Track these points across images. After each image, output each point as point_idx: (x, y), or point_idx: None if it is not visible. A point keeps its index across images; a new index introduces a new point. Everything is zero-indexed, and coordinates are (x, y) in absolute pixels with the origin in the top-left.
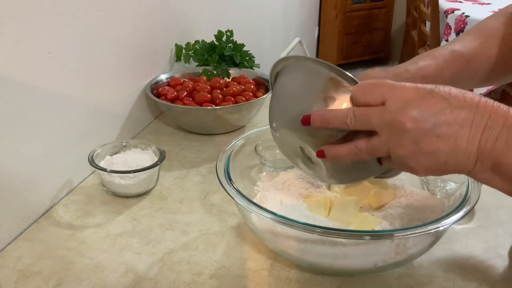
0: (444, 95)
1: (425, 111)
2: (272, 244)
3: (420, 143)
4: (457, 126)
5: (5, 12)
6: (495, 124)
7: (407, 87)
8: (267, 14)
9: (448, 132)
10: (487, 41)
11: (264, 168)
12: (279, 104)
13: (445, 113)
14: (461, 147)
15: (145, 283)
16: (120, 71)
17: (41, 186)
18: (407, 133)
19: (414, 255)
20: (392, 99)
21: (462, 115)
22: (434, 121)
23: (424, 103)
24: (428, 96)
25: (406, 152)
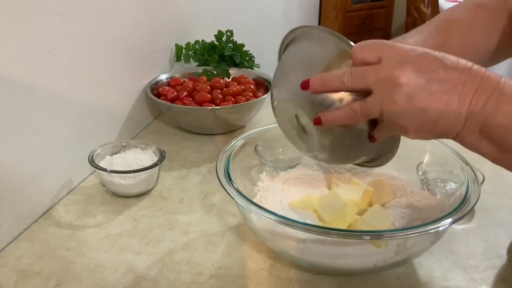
0: (439, 56)
1: (420, 68)
2: (272, 244)
3: (412, 99)
4: (450, 85)
5: (6, 12)
6: (486, 86)
7: (403, 46)
8: (267, 14)
9: (441, 89)
10: (452, 36)
11: (264, 168)
12: (281, 72)
13: (439, 71)
14: (452, 106)
15: (145, 283)
16: (120, 71)
17: (41, 186)
18: (400, 88)
19: (414, 255)
20: (388, 56)
21: (455, 75)
22: (428, 78)
23: (419, 60)
24: (423, 55)
25: (398, 107)
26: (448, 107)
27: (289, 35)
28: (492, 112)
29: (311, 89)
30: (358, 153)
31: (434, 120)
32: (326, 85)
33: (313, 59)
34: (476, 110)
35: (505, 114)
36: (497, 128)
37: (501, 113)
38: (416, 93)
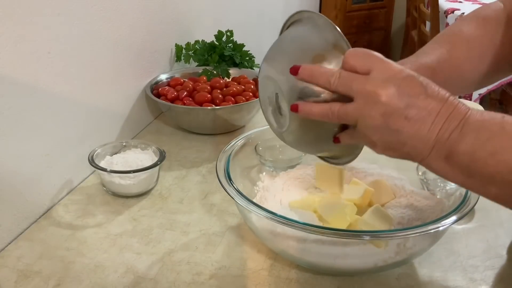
0: (423, 83)
1: (403, 91)
2: (272, 244)
3: (388, 118)
4: (426, 112)
5: (5, 12)
6: (455, 117)
7: (393, 65)
8: (267, 14)
9: (416, 116)
10: (455, 48)
11: (264, 168)
12: (276, 49)
13: (420, 98)
14: (423, 132)
15: (145, 283)
16: (120, 71)
17: (41, 186)
18: (380, 106)
19: (414, 255)
20: (377, 70)
21: (433, 104)
22: (407, 102)
23: (404, 83)
24: (409, 79)
25: (373, 123)
26: (419, 132)
27: (295, 16)
28: (457, 141)
29: (298, 76)
30: (321, 148)
31: (403, 142)
32: (314, 78)
33: (309, 46)
34: (443, 138)
35: (468, 143)
36: (462, 156)
37: (464, 142)
38: (393, 114)
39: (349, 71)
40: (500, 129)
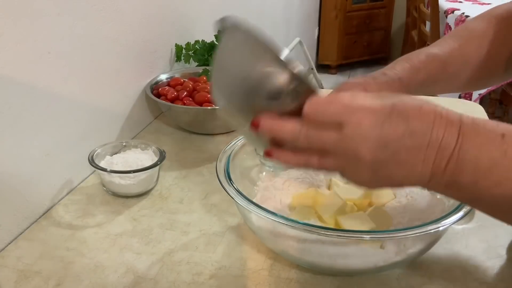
0: (403, 114)
1: (385, 140)
2: (272, 244)
3: (377, 171)
4: (415, 150)
5: (5, 12)
6: (447, 146)
7: (365, 111)
8: (267, 14)
9: (405, 158)
10: (467, 44)
11: (264, 168)
12: (224, 77)
13: (404, 139)
14: (416, 171)
15: (145, 283)
16: (120, 71)
17: (41, 186)
18: (365, 164)
19: (414, 255)
20: (349, 125)
21: (419, 138)
22: (393, 149)
23: (384, 130)
24: (388, 121)
25: (361, 177)
26: (413, 171)
27: (223, 23)
28: (455, 172)
29: (261, 132)
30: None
31: (398, 183)
32: (278, 134)
33: (250, 80)
34: (439, 170)
35: (469, 174)
36: (465, 186)
37: (464, 173)
38: (381, 166)
39: (314, 126)
40: (502, 155)
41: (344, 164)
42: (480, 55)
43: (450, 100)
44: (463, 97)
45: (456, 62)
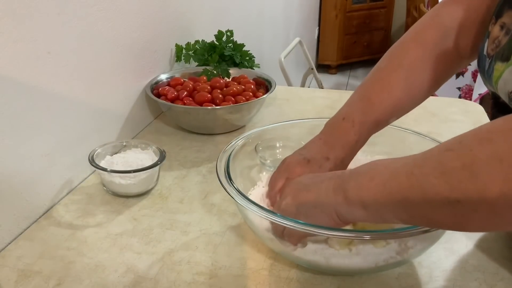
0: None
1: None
2: (272, 244)
3: (296, 197)
4: (319, 182)
5: (5, 12)
6: (342, 174)
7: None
8: (267, 14)
9: (313, 186)
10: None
11: (264, 168)
12: None
13: (313, 180)
14: (322, 189)
15: (145, 282)
16: (120, 71)
17: (41, 186)
18: (288, 195)
19: (414, 254)
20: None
21: (323, 177)
22: (304, 183)
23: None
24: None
25: (287, 204)
26: (320, 191)
27: None
28: (347, 181)
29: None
30: None
31: (313, 206)
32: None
33: None
34: (337, 183)
35: (354, 179)
36: (352, 191)
37: (352, 179)
38: (298, 192)
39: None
40: (374, 163)
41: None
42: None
43: (450, 100)
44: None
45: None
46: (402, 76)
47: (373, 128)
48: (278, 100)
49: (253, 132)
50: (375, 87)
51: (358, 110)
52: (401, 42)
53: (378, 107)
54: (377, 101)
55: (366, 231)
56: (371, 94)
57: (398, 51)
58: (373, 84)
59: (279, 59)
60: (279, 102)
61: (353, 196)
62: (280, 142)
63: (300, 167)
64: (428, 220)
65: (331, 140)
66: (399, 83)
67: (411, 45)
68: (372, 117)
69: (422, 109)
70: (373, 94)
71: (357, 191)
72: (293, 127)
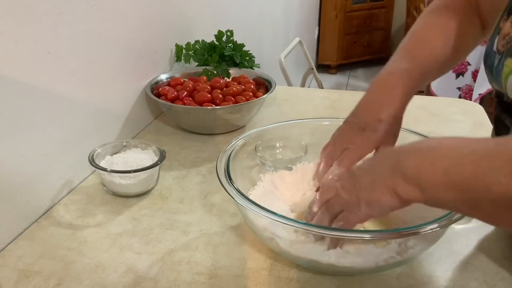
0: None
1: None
2: (272, 244)
3: (356, 185)
4: (373, 165)
5: (5, 12)
6: (398, 151)
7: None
8: (267, 14)
9: (368, 171)
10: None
11: (264, 168)
12: None
13: (368, 164)
14: (377, 172)
15: (145, 282)
16: (120, 71)
17: (41, 186)
18: (346, 184)
19: (414, 254)
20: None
21: (378, 159)
22: (362, 168)
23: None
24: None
25: (349, 192)
26: (374, 168)
27: None
28: (402, 157)
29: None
30: None
31: (371, 181)
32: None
33: None
34: (393, 165)
35: (412, 158)
36: (410, 170)
37: (409, 158)
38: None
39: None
40: (436, 142)
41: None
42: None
43: (450, 100)
44: (463, 97)
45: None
46: (441, 33)
47: (420, 79)
48: (278, 100)
49: (253, 132)
50: (416, 44)
51: (404, 63)
52: (432, 9)
53: (421, 58)
54: (420, 55)
55: (366, 231)
56: (413, 50)
57: (430, 14)
58: (413, 42)
59: (279, 59)
60: (279, 102)
61: (410, 176)
62: (280, 142)
63: (357, 136)
64: (488, 216)
65: (379, 98)
66: (438, 39)
67: (442, 10)
68: (418, 68)
69: (422, 109)
70: (415, 50)
71: (415, 172)
72: (293, 127)
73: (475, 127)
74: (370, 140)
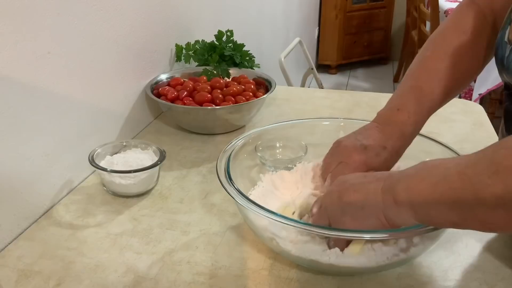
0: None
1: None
2: (272, 244)
3: (342, 197)
4: (366, 183)
5: (5, 12)
6: (390, 176)
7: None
8: (267, 14)
9: (361, 186)
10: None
11: (264, 168)
12: None
13: (360, 180)
14: (370, 190)
15: (145, 282)
16: (120, 71)
17: (41, 186)
18: (333, 193)
19: (417, 252)
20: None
21: (371, 178)
22: (351, 183)
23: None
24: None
25: (333, 203)
26: (368, 193)
27: None
28: (396, 184)
29: None
30: None
31: (360, 207)
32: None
33: None
34: (386, 185)
35: (403, 182)
36: (402, 193)
37: (401, 182)
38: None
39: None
40: (423, 164)
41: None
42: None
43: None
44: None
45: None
46: (449, 64)
47: (427, 116)
48: (278, 100)
49: (253, 132)
50: (425, 77)
51: (412, 101)
52: (442, 32)
53: (430, 96)
54: (428, 91)
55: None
56: (422, 84)
57: (440, 40)
58: (421, 74)
59: (279, 59)
60: (279, 102)
61: (402, 198)
62: (280, 142)
63: (357, 153)
64: (481, 222)
65: (388, 130)
66: (447, 72)
67: (453, 34)
68: (425, 106)
69: None
70: (424, 84)
71: (407, 193)
72: (293, 127)
73: (475, 127)
74: (368, 161)
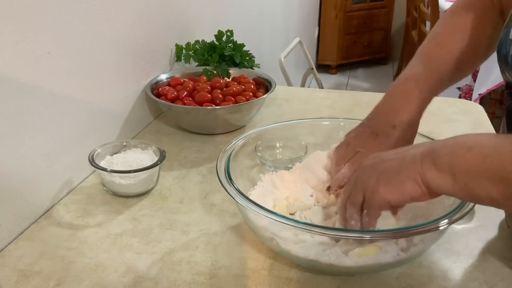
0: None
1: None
2: (272, 244)
3: (377, 167)
4: (403, 151)
5: (5, 12)
6: (431, 142)
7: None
8: (267, 14)
9: (396, 155)
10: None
11: (264, 168)
12: None
13: (395, 150)
14: (408, 155)
15: (145, 282)
16: (120, 71)
17: (41, 186)
18: (367, 166)
19: (418, 251)
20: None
21: (407, 148)
22: (386, 154)
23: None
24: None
25: (367, 173)
26: (404, 158)
27: None
28: (439, 148)
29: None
30: None
31: (397, 172)
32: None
33: None
34: (426, 150)
35: (448, 146)
36: (444, 157)
37: (445, 146)
38: (378, 164)
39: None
40: (473, 135)
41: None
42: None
43: (450, 100)
44: (463, 97)
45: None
46: (458, 37)
47: (437, 85)
48: (278, 100)
49: (253, 132)
50: (433, 47)
51: (420, 68)
52: (452, 10)
53: (438, 62)
54: (436, 57)
55: (367, 231)
56: (430, 52)
57: (450, 17)
58: (430, 45)
59: (279, 59)
60: (279, 102)
61: (443, 162)
62: (280, 142)
63: (371, 140)
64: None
65: (394, 104)
66: (456, 43)
67: (462, 11)
68: (434, 73)
69: None
70: (432, 52)
71: (450, 158)
72: (293, 127)
73: (475, 127)
74: (383, 145)
